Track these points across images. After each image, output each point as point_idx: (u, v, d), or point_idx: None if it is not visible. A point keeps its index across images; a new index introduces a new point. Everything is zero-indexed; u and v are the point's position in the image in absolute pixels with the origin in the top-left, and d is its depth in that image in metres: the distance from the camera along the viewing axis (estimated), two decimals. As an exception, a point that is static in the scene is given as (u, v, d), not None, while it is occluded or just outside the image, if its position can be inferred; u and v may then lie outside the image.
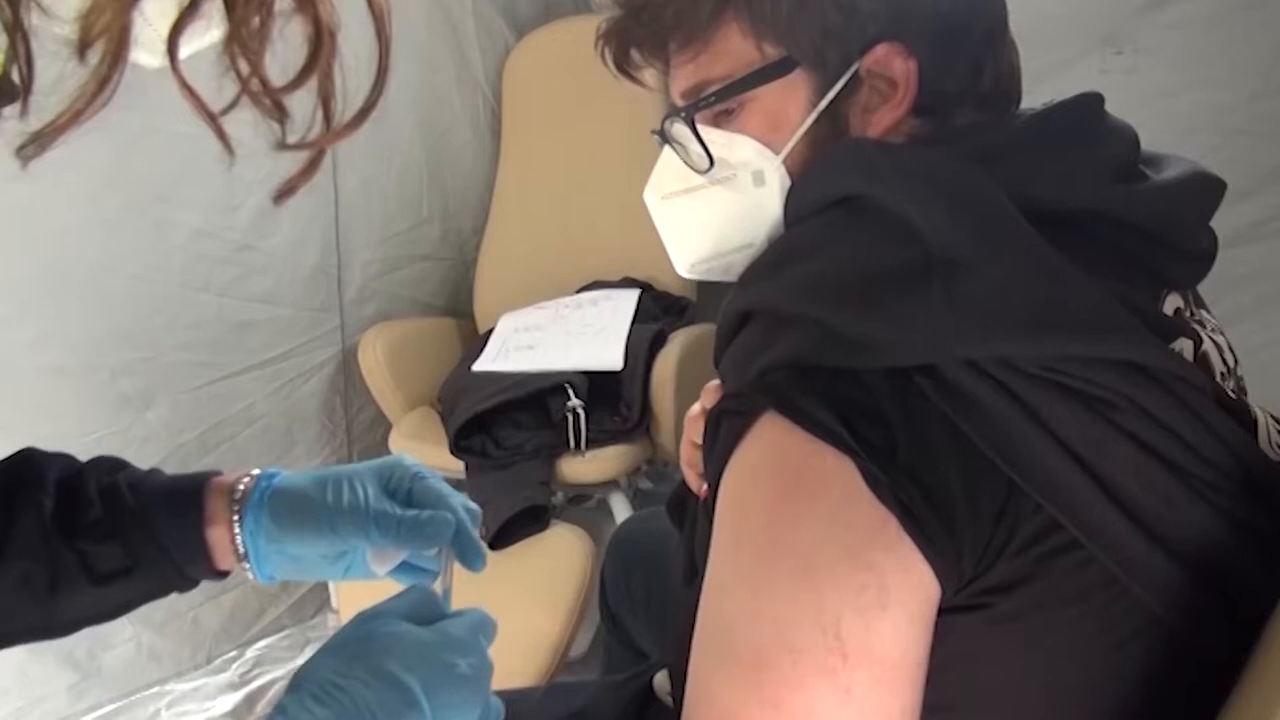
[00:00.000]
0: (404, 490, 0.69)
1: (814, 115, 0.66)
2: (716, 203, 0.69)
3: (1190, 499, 0.56)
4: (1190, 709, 0.60)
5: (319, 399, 1.98)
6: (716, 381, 0.74)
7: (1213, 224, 0.67)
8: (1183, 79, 1.51)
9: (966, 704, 0.59)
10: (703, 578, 0.60)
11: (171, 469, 1.85)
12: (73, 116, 0.37)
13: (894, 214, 0.58)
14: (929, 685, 0.55)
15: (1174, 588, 0.56)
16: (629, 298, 1.88)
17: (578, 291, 2.01)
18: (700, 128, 0.68)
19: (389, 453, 1.88)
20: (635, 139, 1.28)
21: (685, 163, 0.70)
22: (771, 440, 0.57)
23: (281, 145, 0.43)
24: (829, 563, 0.53)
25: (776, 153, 0.67)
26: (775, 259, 0.65)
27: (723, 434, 0.60)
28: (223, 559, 0.69)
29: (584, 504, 2.00)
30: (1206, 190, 0.66)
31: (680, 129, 0.69)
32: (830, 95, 0.65)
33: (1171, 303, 0.64)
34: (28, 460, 0.69)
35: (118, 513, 0.67)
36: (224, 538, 0.69)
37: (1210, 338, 0.64)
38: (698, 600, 0.59)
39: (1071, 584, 0.55)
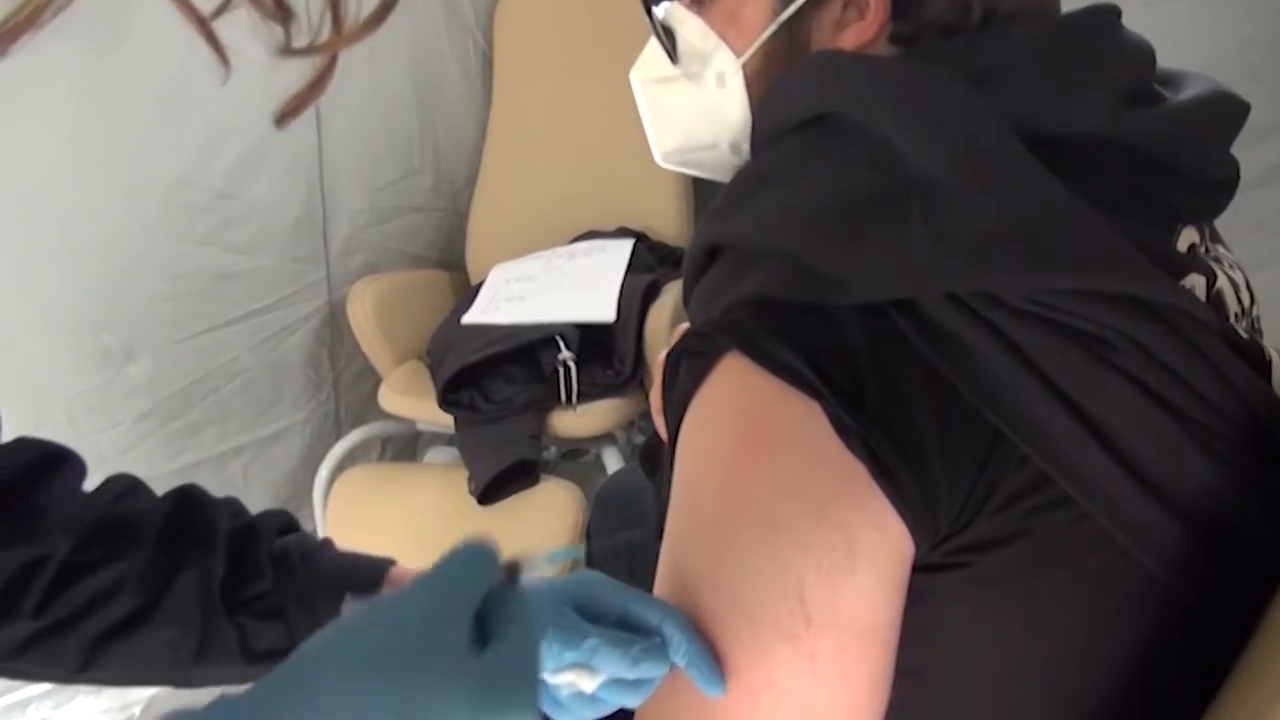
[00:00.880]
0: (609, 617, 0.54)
1: (776, 24, 0.63)
2: (685, 98, 0.69)
3: (1195, 449, 0.52)
4: (1190, 680, 0.56)
5: (305, 352, 1.95)
6: (688, 324, 0.69)
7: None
8: (1204, 13, 1.44)
9: (942, 670, 0.56)
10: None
11: (155, 423, 1.83)
12: (30, 15, 0.33)
13: (872, 134, 0.54)
14: (901, 648, 0.53)
15: (1175, 547, 0.52)
16: (623, 248, 1.85)
17: (572, 242, 1.99)
18: (679, 8, 0.68)
19: (378, 408, 1.91)
20: (630, 84, 1.24)
21: (665, 50, 0.69)
22: (733, 384, 0.53)
23: (285, 50, 0.38)
24: (792, 521, 0.50)
25: (738, 55, 0.66)
26: (743, 188, 0.61)
27: (682, 376, 0.57)
28: None
29: (579, 459, 1.98)
30: (1227, 112, 0.61)
31: (661, 10, 0.69)
32: (794, 4, 0.62)
33: (1186, 238, 0.60)
34: (196, 505, 0.66)
35: (286, 589, 0.64)
36: None
37: (1226, 274, 0.60)
38: None
39: (1061, 544, 0.52)
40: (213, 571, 0.63)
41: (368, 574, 0.68)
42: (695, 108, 0.68)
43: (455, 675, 0.40)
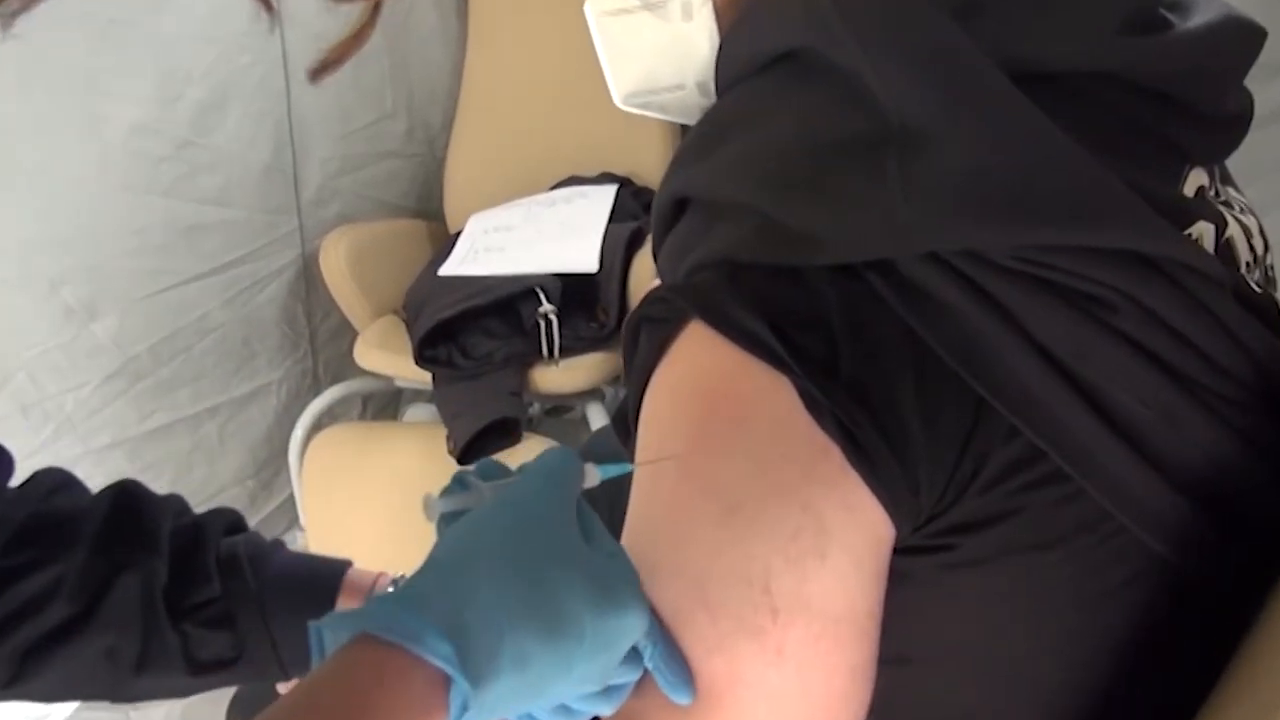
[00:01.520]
0: None
1: None
2: (647, 31, 0.64)
3: (1201, 416, 0.49)
4: (1190, 663, 0.54)
5: (279, 307, 1.93)
6: (658, 281, 0.67)
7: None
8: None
9: (927, 658, 0.54)
10: None
11: (124, 383, 1.80)
12: None
13: (844, 72, 0.50)
14: (883, 635, 0.50)
15: (1179, 523, 0.49)
16: (605, 194, 1.82)
17: (552, 188, 1.95)
18: None
19: (354, 364, 1.89)
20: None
21: None
22: (695, 354, 0.51)
23: None
24: (757, 502, 0.47)
25: None
26: (706, 134, 0.58)
27: (642, 345, 0.54)
28: None
29: (563, 415, 1.96)
30: (1242, 40, 0.56)
31: None
32: None
33: (1194, 181, 0.56)
34: (136, 502, 0.64)
35: (234, 595, 0.62)
36: None
37: (1237, 219, 0.57)
38: None
39: (1054, 522, 0.49)
40: (155, 575, 0.61)
41: (322, 578, 0.65)
42: (658, 42, 0.63)
43: (578, 565, 0.42)
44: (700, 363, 0.50)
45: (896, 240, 0.47)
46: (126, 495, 0.64)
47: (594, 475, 0.48)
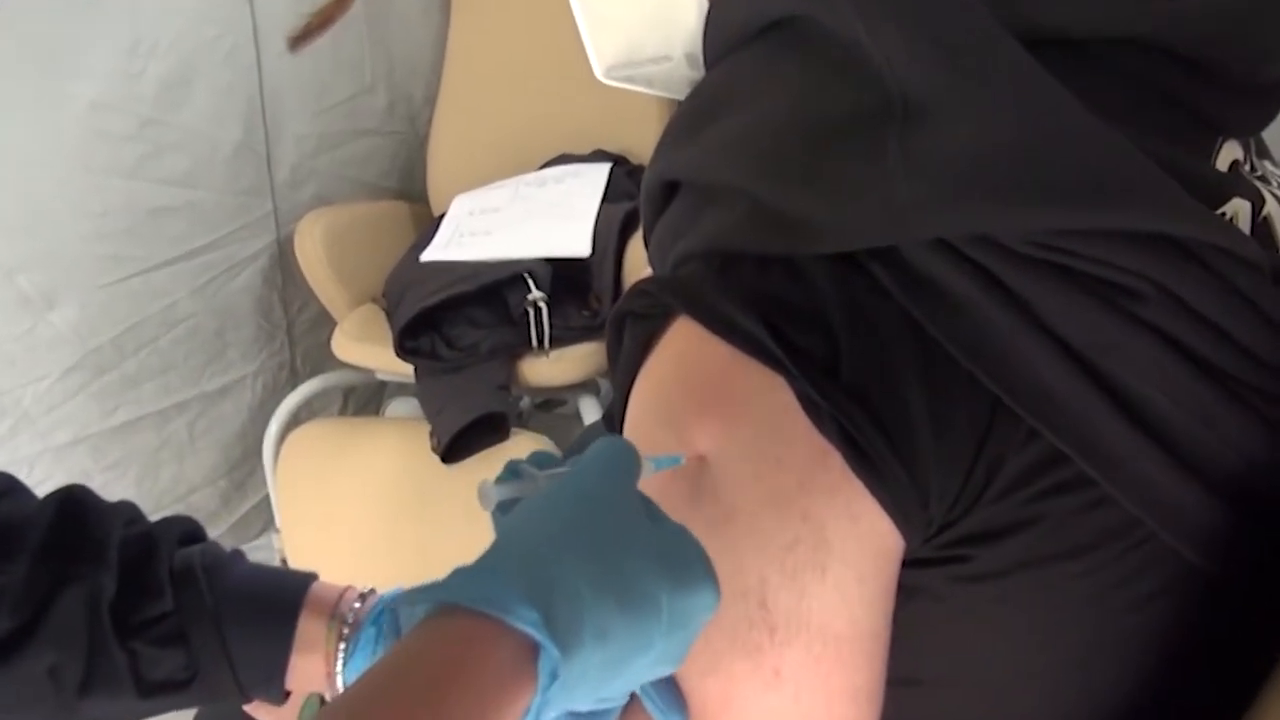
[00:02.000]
0: None
1: None
2: None
3: (1237, 414, 0.48)
4: (1227, 676, 0.53)
5: (253, 296, 1.92)
6: (649, 270, 0.67)
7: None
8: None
9: (939, 678, 0.53)
10: None
11: (85, 376, 1.79)
12: None
13: (841, 41, 0.49)
14: (892, 654, 0.50)
15: (1214, 529, 0.48)
16: (598, 173, 1.81)
17: (541, 167, 1.95)
18: None
19: (333, 356, 1.89)
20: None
21: None
22: (683, 352, 0.50)
23: None
24: (751, 511, 0.46)
25: None
26: (695, 111, 0.57)
27: (626, 343, 0.54)
28: (302, 685, 0.63)
29: (554, 410, 1.95)
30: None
31: None
32: None
33: (1228, 154, 0.54)
34: (83, 509, 0.62)
35: (188, 611, 0.61)
36: (315, 669, 0.62)
37: (1276, 196, 0.55)
38: None
39: (1077, 531, 0.48)
40: (102, 588, 0.59)
41: (284, 592, 0.64)
42: (642, 9, 0.62)
43: (649, 543, 0.42)
44: (688, 362, 0.49)
45: (899, 226, 0.46)
46: (73, 502, 0.63)
47: (647, 468, 0.48)
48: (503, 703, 0.37)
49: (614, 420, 0.77)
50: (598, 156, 1.91)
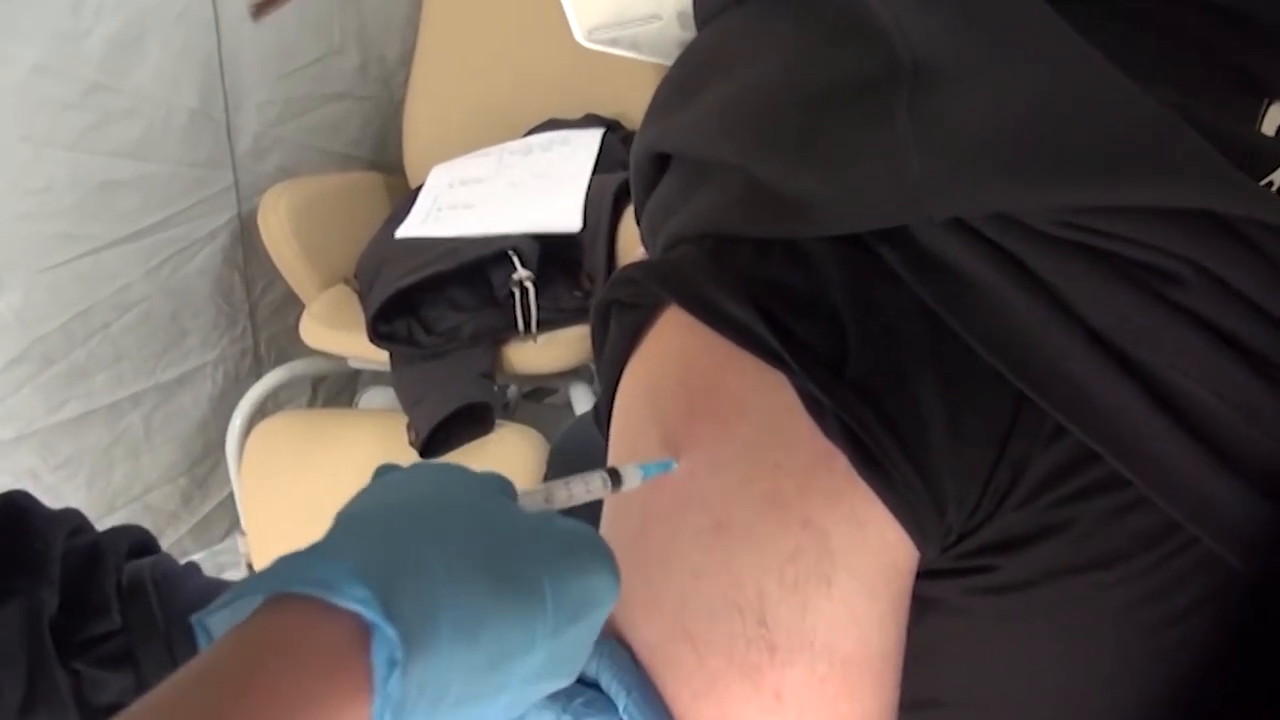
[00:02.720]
0: None
1: None
2: None
3: None
4: (1268, 692, 0.52)
5: (212, 277, 1.92)
6: (643, 250, 0.68)
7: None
8: None
9: (958, 700, 0.53)
10: None
11: (31, 367, 1.79)
12: None
13: None
14: (907, 675, 0.50)
15: (1260, 533, 0.48)
16: (589, 140, 1.81)
17: (528, 134, 1.95)
18: None
19: (301, 343, 1.89)
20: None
21: None
22: (673, 345, 0.51)
23: None
24: (748, 518, 0.47)
25: None
26: (685, 77, 0.57)
27: (613, 333, 0.54)
28: None
29: (544, 399, 1.96)
30: None
31: None
32: None
33: (1274, 118, 0.54)
34: (22, 517, 0.63)
35: (137, 629, 0.61)
36: None
37: None
38: None
39: (1110, 537, 0.48)
40: (42, 604, 0.60)
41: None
42: None
43: (525, 520, 0.41)
44: (679, 356, 0.50)
45: (910, 204, 0.45)
46: (12, 509, 0.64)
47: (635, 475, 0.47)
48: (330, 702, 0.33)
49: (601, 416, 0.78)
50: (589, 122, 1.91)
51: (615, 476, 0.47)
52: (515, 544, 0.39)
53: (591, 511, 0.56)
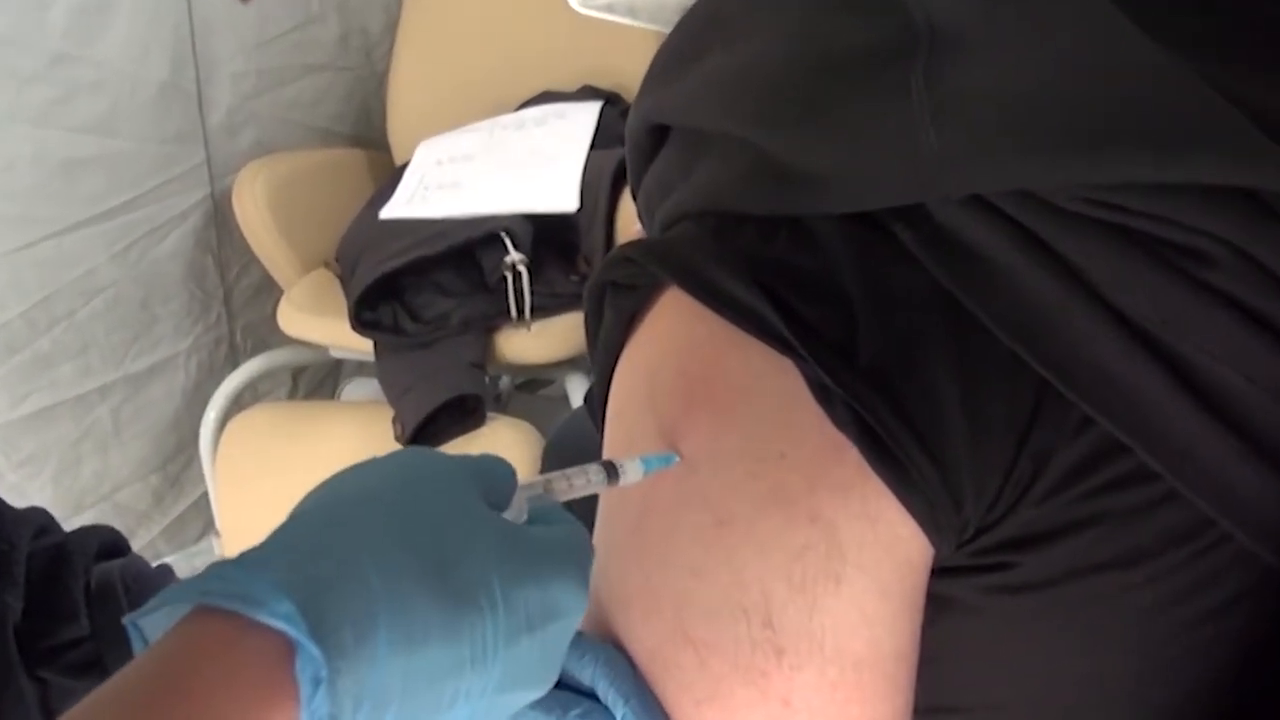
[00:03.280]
0: None
1: None
2: None
3: None
4: None
5: (184, 261, 1.93)
6: (640, 228, 0.69)
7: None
8: None
9: (975, 705, 0.54)
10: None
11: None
12: None
13: None
14: (921, 679, 0.50)
15: None
16: (587, 114, 1.82)
17: (520, 107, 1.95)
18: None
19: (279, 330, 1.89)
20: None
21: None
22: (673, 330, 0.51)
23: None
24: (752, 513, 0.47)
25: None
26: (685, 42, 0.57)
27: (607, 317, 0.54)
28: None
29: (538, 391, 1.97)
30: None
31: None
32: None
33: None
34: None
35: (106, 635, 0.62)
36: None
37: None
38: None
39: (1138, 533, 0.48)
40: (6, 609, 0.60)
41: None
42: None
43: (480, 519, 0.41)
44: (678, 341, 0.50)
45: (925, 180, 0.45)
46: None
47: (636, 470, 0.47)
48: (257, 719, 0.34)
49: (595, 406, 0.79)
50: (586, 94, 1.91)
51: (615, 469, 0.47)
52: (466, 549, 0.39)
53: (586, 508, 0.56)
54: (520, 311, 1.62)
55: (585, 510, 0.56)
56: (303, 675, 0.34)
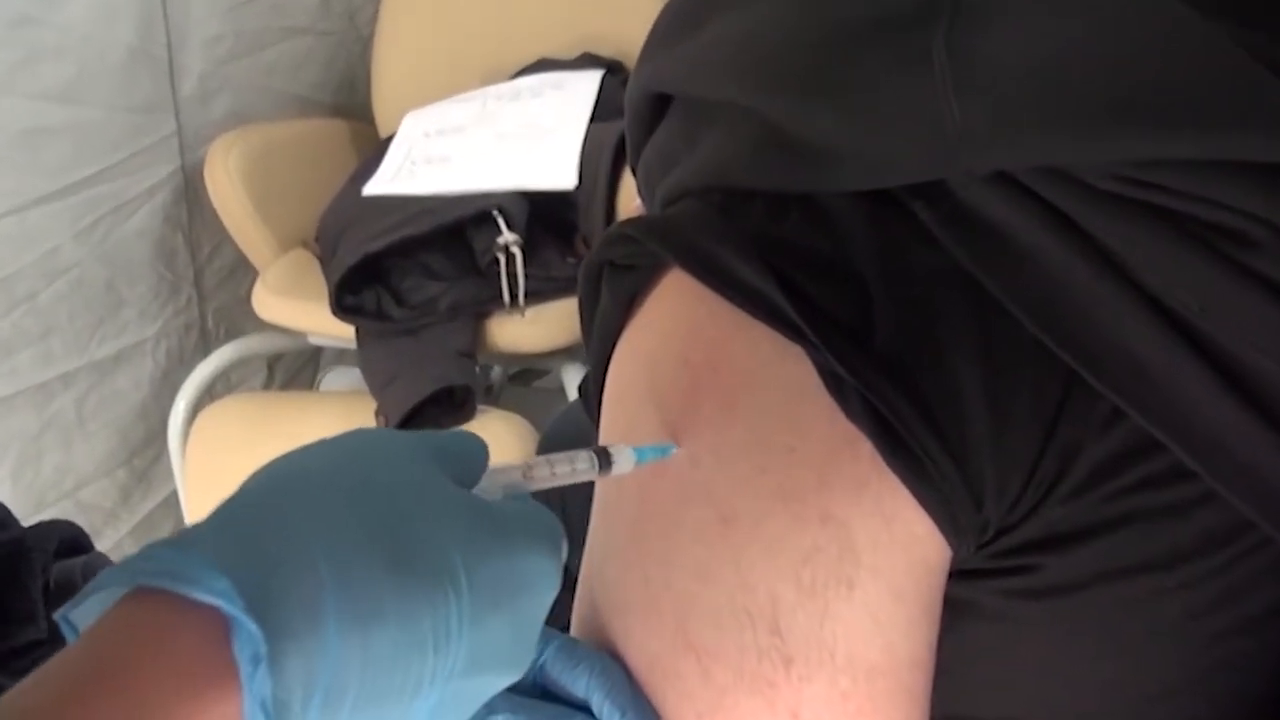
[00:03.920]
0: None
1: None
2: None
3: None
4: None
5: (152, 240, 1.93)
6: (640, 204, 0.69)
7: None
8: None
9: (995, 715, 0.54)
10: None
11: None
12: None
13: None
14: (938, 690, 0.50)
15: None
16: (587, 84, 1.82)
17: (515, 76, 1.95)
18: None
19: (255, 315, 1.89)
20: None
21: None
22: (675, 314, 0.51)
23: None
24: (756, 513, 0.47)
25: None
26: (689, 5, 0.57)
27: (604, 300, 0.54)
28: None
29: (532, 382, 1.97)
30: None
31: None
32: None
33: None
34: None
35: (66, 638, 0.61)
36: None
37: None
38: None
39: (1172, 535, 0.48)
40: None
41: None
42: None
43: (441, 489, 0.41)
44: (680, 326, 0.50)
45: (948, 155, 0.45)
46: None
47: (628, 459, 0.47)
48: (193, 704, 0.33)
49: (590, 397, 0.79)
50: (585, 62, 1.91)
51: (605, 457, 0.47)
52: (421, 521, 0.39)
53: (583, 511, 0.56)
54: (514, 296, 1.62)
55: (583, 513, 0.56)
56: (241, 654, 0.34)
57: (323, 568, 0.36)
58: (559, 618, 0.54)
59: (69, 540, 0.68)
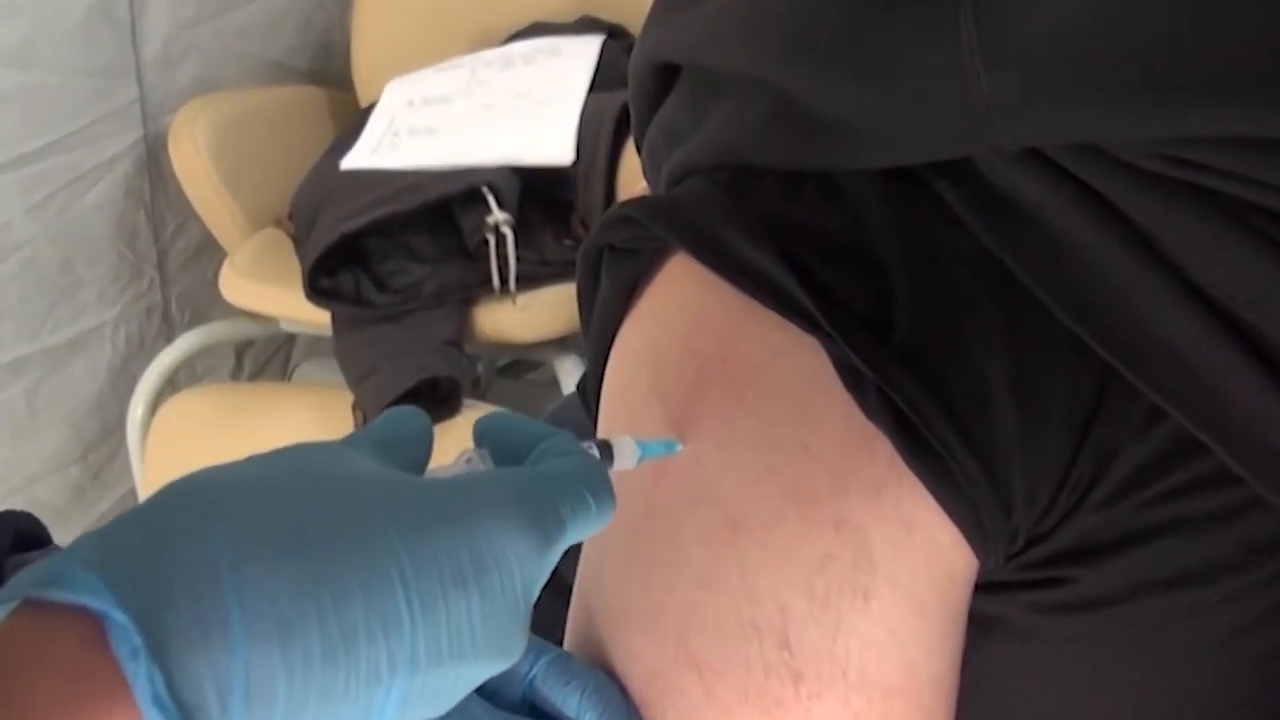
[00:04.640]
0: None
1: None
2: None
3: None
4: None
5: (112, 216, 1.94)
6: (645, 183, 0.69)
7: None
8: None
9: None
10: None
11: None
12: None
13: None
14: (963, 711, 0.51)
15: None
16: (585, 50, 1.82)
17: (507, 41, 1.96)
18: None
19: (222, 299, 1.89)
20: None
21: None
22: (679, 302, 0.51)
23: None
24: (769, 516, 0.47)
25: None
26: None
27: (604, 286, 0.55)
28: None
29: (524, 375, 1.97)
30: None
31: None
32: None
33: None
34: None
35: None
36: None
37: None
38: None
39: (1215, 545, 0.49)
40: None
41: None
42: None
43: (366, 483, 0.41)
44: (686, 314, 0.50)
45: (976, 131, 0.45)
46: None
47: (631, 454, 0.47)
48: (78, 714, 0.33)
49: (589, 390, 0.79)
50: (584, 26, 1.92)
51: (605, 450, 0.47)
52: (352, 504, 0.39)
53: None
54: (504, 281, 1.63)
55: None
56: (120, 650, 0.34)
57: (221, 560, 0.36)
58: (552, 630, 0.54)
59: (24, 534, 0.68)
